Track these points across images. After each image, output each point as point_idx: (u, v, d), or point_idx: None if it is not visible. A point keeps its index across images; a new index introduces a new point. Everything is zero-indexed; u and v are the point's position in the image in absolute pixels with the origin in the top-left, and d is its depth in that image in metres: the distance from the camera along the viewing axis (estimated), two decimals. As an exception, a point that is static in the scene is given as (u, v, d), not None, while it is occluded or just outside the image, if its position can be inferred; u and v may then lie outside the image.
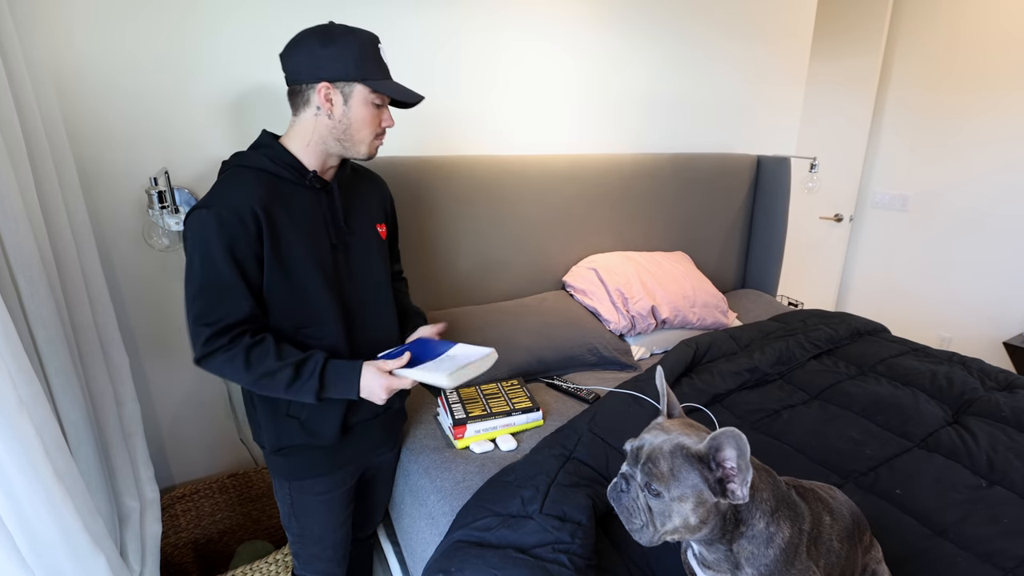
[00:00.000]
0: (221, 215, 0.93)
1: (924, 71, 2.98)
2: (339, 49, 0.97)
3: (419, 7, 1.63)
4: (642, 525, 0.69)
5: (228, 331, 0.95)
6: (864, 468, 1.24)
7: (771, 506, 0.68)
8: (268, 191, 0.98)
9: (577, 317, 1.81)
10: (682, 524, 0.66)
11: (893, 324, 2.39)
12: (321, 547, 1.21)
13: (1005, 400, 1.50)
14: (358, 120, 1.01)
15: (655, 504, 0.67)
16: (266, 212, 0.96)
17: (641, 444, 0.70)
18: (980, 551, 1.00)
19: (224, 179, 1.00)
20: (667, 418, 0.75)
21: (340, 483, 1.18)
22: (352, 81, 0.98)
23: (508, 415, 1.36)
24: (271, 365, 0.96)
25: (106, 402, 1.20)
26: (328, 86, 0.98)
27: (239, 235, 0.94)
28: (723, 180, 2.39)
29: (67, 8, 1.22)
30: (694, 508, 0.65)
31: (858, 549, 0.78)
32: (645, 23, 2.07)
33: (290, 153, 1.03)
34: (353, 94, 0.99)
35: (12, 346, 0.80)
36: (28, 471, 0.80)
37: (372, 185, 1.22)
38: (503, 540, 0.95)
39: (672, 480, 0.65)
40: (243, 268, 0.95)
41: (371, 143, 1.05)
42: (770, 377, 1.65)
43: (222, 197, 0.95)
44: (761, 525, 0.67)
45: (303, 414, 1.08)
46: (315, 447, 1.11)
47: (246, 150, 1.05)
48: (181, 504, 1.59)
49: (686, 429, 0.70)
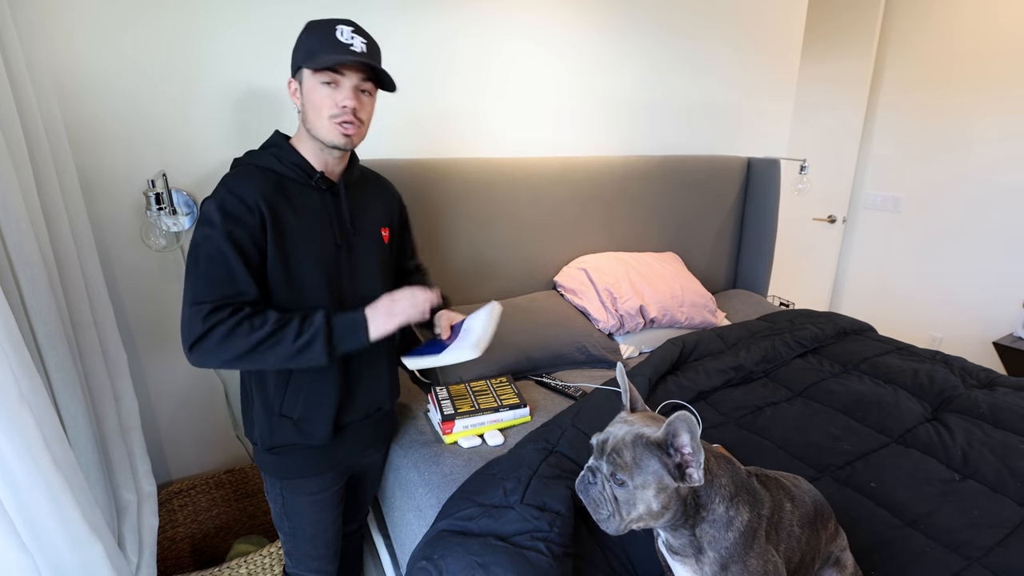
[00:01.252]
0: (225, 204, 0.96)
1: (916, 73, 3.01)
2: (297, 43, 1.01)
3: (416, 14, 1.68)
4: (608, 515, 0.72)
5: (228, 306, 0.95)
6: (841, 462, 1.27)
7: (730, 491, 0.72)
8: (274, 188, 1.01)
9: (567, 316, 1.84)
10: (646, 511, 0.70)
11: (885, 324, 2.42)
12: (313, 545, 1.23)
13: (984, 397, 1.53)
14: (311, 104, 1.01)
15: (620, 493, 0.71)
16: (270, 207, 0.99)
17: (606, 437, 0.73)
18: (948, 541, 1.03)
19: (232, 174, 1.03)
20: (630, 411, 0.78)
21: (331, 483, 1.20)
22: (301, 68, 1.00)
23: (496, 411, 1.40)
24: (272, 327, 0.95)
25: (104, 397, 1.23)
26: (291, 81, 1.03)
27: (242, 222, 0.96)
28: (714, 182, 2.42)
29: (67, 13, 1.26)
30: (656, 494, 0.68)
31: (821, 536, 0.82)
32: (636, 27, 2.11)
33: (298, 153, 1.06)
34: (304, 80, 1.01)
35: (14, 341, 0.84)
36: (28, 461, 0.84)
37: (380, 188, 1.25)
38: (484, 529, 0.98)
39: (635, 468, 0.69)
40: (245, 254, 0.97)
41: (331, 128, 1.01)
42: (755, 375, 1.69)
43: (228, 189, 0.98)
44: (721, 509, 0.71)
45: (296, 413, 1.09)
46: (307, 447, 1.13)
47: (257, 149, 1.08)
48: (178, 499, 1.62)
49: (647, 421, 0.73)
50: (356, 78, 1.00)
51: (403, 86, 1.70)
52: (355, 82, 1.00)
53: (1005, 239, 2.79)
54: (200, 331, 0.93)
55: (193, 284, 0.96)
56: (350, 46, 0.97)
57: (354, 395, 1.17)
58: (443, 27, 1.73)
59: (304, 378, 1.08)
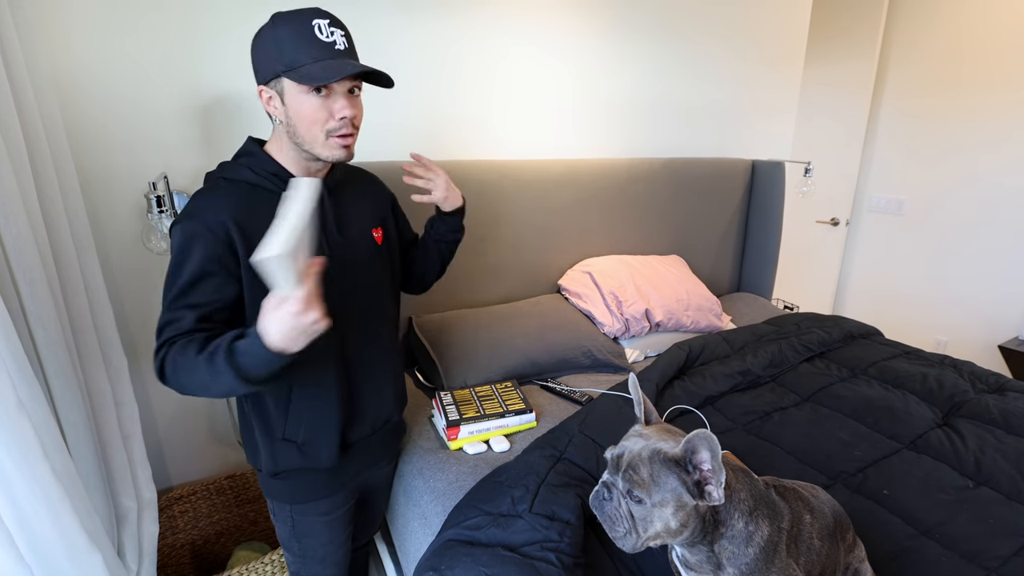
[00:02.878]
0: (193, 228, 0.87)
1: (919, 75, 3.00)
2: (263, 44, 0.87)
3: (421, 19, 1.66)
4: (625, 532, 0.70)
5: (174, 340, 0.86)
6: (852, 469, 1.26)
7: (749, 506, 0.70)
8: (246, 204, 0.92)
9: (571, 320, 1.83)
10: (663, 529, 0.68)
11: (889, 327, 2.41)
12: (324, 566, 1.18)
13: (995, 402, 1.51)
14: (299, 118, 0.89)
15: (637, 510, 0.69)
16: (239, 226, 0.89)
17: (621, 452, 0.71)
18: (965, 550, 1.02)
19: (201, 192, 0.95)
20: (644, 424, 0.76)
21: (343, 502, 1.15)
22: (279, 76, 0.87)
23: (501, 416, 1.38)
24: (192, 360, 0.82)
25: (105, 403, 1.21)
26: (265, 89, 0.90)
27: (211, 249, 0.87)
28: (718, 184, 2.41)
29: (68, 14, 1.25)
30: (674, 512, 0.66)
31: (840, 547, 0.80)
32: (639, 30, 2.10)
33: (273, 160, 0.96)
34: (285, 90, 0.88)
35: (12, 347, 0.82)
36: (27, 471, 0.82)
37: (366, 186, 1.15)
38: (492, 539, 0.96)
39: (653, 486, 0.67)
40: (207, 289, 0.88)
41: (326, 142, 0.91)
42: (762, 379, 1.67)
43: (196, 210, 0.90)
44: (740, 525, 0.69)
45: (299, 437, 1.03)
46: (315, 470, 1.07)
47: (230, 160, 1.00)
48: (179, 505, 1.60)
49: (663, 434, 0.71)
50: (348, 81, 0.90)
51: (408, 90, 1.70)
52: (348, 85, 0.91)
53: (1009, 241, 2.77)
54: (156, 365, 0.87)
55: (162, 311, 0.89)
56: (333, 44, 0.87)
57: (359, 410, 1.11)
58: (448, 31, 1.72)
59: (305, 399, 1.03)
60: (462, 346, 1.62)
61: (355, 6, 1.55)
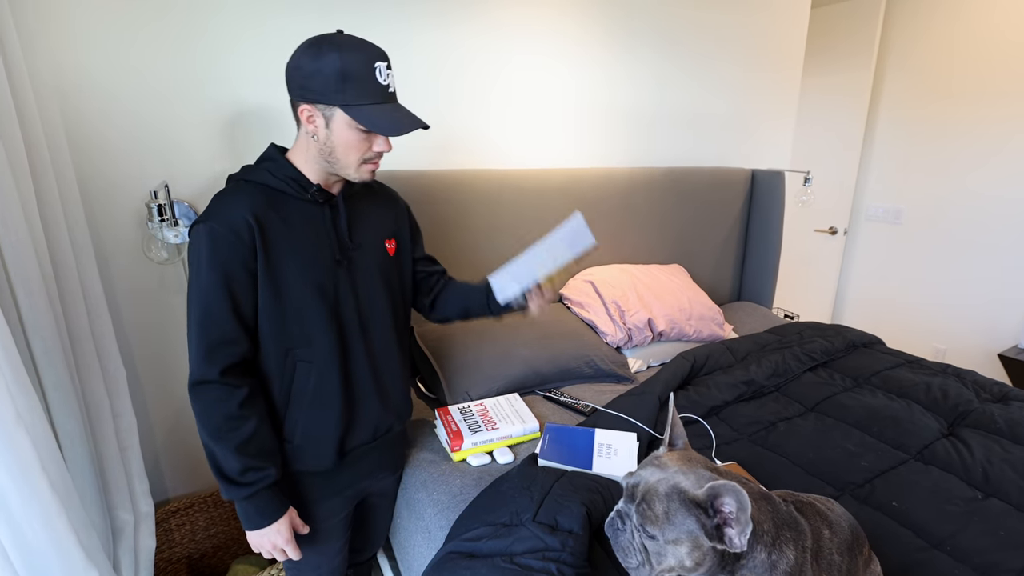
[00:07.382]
0: (215, 229, 0.91)
1: (915, 85, 3.03)
2: (322, 67, 0.89)
3: (422, 26, 1.66)
4: (638, 564, 0.68)
5: (227, 371, 0.94)
6: (860, 480, 1.24)
7: (772, 536, 0.67)
8: (266, 203, 0.96)
9: (574, 330, 1.82)
10: (677, 565, 0.66)
11: (888, 335, 2.41)
12: (318, 574, 1.18)
13: (999, 412, 1.50)
14: (342, 145, 0.95)
15: (650, 545, 0.67)
16: (259, 222, 0.93)
17: (637, 481, 0.69)
18: (977, 563, 1.00)
19: (223, 192, 0.98)
20: (668, 448, 0.74)
21: (338, 510, 1.14)
22: (332, 105, 0.91)
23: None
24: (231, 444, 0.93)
25: (102, 415, 1.19)
26: (309, 108, 0.93)
27: (233, 249, 0.92)
28: (718, 194, 2.41)
29: (70, 22, 1.24)
30: (689, 552, 0.65)
31: (858, 561, 0.78)
32: (639, 41, 2.11)
33: (293, 167, 1.00)
34: (334, 118, 0.92)
35: (10, 359, 0.81)
36: (24, 485, 0.80)
37: (383, 199, 1.18)
38: (492, 550, 0.94)
39: (667, 524, 0.65)
40: (236, 293, 0.94)
41: (359, 168, 0.98)
42: (766, 389, 1.66)
43: (217, 210, 0.94)
44: (763, 556, 0.67)
45: (295, 438, 1.04)
46: (310, 473, 1.08)
47: (253, 164, 1.03)
48: (175, 518, 1.57)
49: (684, 465, 0.68)
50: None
51: (410, 99, 1.70)
52: None
53: (1007, 250, 2.78)
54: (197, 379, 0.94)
55: (194, 325, 0.94)
56: (387, 88, 0.94)
57: (360, 416, 1.10)
58: (449, 40, 1.72)
59: (303, 399, 1.03)
60: (464, 356, 1.60)
61: (358, 15, 1.55)
